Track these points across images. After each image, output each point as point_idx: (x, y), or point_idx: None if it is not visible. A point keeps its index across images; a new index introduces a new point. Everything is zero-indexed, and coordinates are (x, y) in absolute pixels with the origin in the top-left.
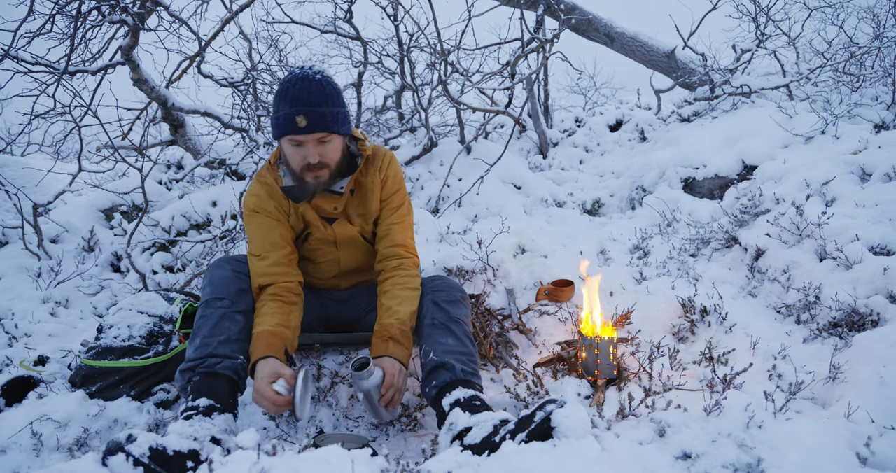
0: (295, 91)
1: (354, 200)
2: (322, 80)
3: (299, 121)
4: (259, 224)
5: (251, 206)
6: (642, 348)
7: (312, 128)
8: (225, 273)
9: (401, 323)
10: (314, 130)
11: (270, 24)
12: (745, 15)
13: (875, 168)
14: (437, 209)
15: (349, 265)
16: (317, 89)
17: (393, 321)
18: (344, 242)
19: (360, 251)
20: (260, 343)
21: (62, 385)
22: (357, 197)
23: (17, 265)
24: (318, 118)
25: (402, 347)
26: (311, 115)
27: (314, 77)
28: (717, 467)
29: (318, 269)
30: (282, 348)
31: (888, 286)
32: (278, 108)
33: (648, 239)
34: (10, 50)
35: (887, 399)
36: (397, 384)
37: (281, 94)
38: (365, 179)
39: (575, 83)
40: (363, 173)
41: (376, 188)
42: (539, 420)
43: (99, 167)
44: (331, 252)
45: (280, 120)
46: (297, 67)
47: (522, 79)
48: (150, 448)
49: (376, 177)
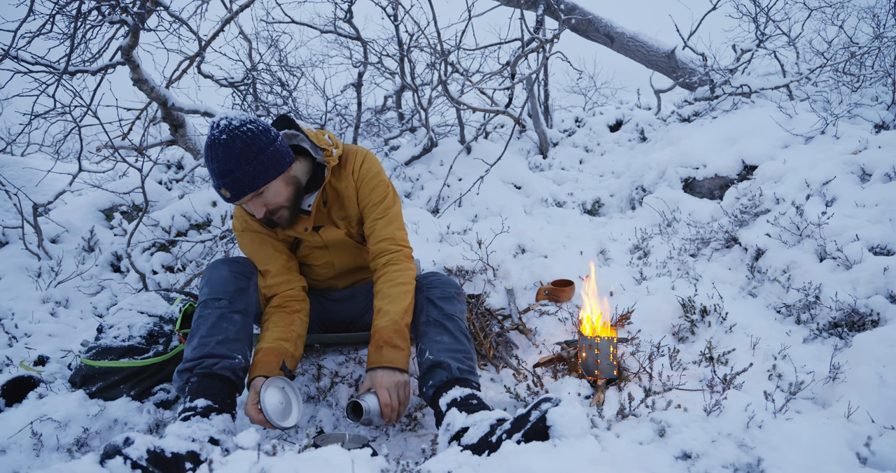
0: (211, 164)
1: (333, 207)
2: (227, 141)
3: (224, 193)
4: (250, 239)
5: (239, 228)
6: (642, 348)
7: (238, 196)
8: (222, 273)
9: (394, 324)
10: (240, 196)
11: (270, 24)
12: (745, 15)
13: (875, 168)
14: (437, 209)
15: (343, 266)
16: (224, 155)
17: (385, 323)
18: (334, 245)
19: (351, 252)
20: (256, 361)
21: (62, 385)
22: (335, 203)
23: (17, 265)
24: (237, 185)
25: (397, 350)
26: (230, 186)
27: (220, 139)
28: (717, 467)
29: (314, 272)
30: (277, 363)
31: (888, 286)
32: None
33: (648, 239)
34: (10, 50)
35: (887, 399)
36: (394, 403)
37: (206, 162)
38: (340, 184)
39: (575, 83)
40: (337, 178)
41: (352, 192)
42: (535, 419)
43: (99, 167)
44: (323, 255)
45: (215, 189)
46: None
47: (522, 79)
48: (147, 451)
49: (350, 180)
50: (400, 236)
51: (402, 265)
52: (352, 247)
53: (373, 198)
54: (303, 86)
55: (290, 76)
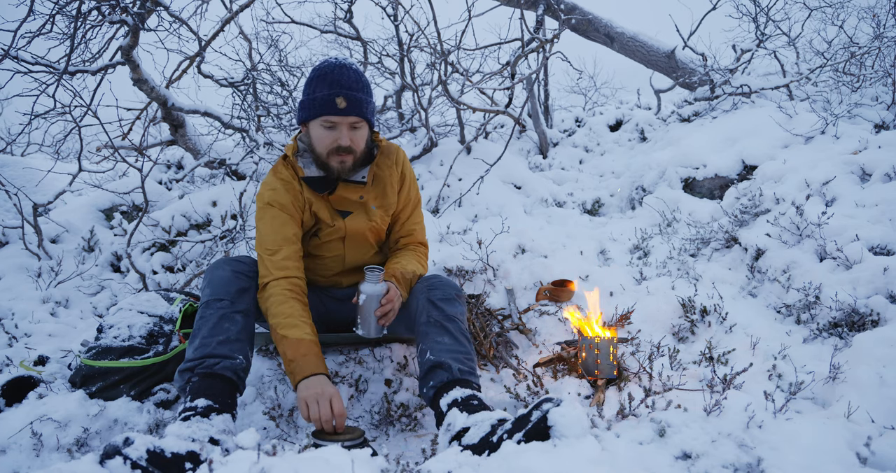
0: (335, 75)
1: (374, 191)
2: (358, 70)
3: (339, 102)
4: (273, 217)
5: (266, 199)
6: (642, 348)
7: (350, 111)
8: (224, 273)
9: (405, 271)
10: (351, 113)
11: (270, 24)
12: (745, 15)
13: (875, 168)
14: (437, 209)
15: (352, 261)
16: (355, 77)
17: (398, 267)
18: (352, 238)
19: (364, 249)
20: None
21: (62, 385)
22: (376, 188)
23: (17, 265)
24: (356, 102)
25: (402, 288)
26: (350, 98)
27: (351, 66)
28: (717, 467)
29: (322, 265)
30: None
31: (888, 286)
32: (314, 90)
33: (648, 239)
34: (10, 50)
35: (887, 399)
36: (395, 303)
37: (318, 78)
38: (382, 172)
39: (575, 83)
40: (379, 166)
41: (395, 181)
42: (536, 419)
43: (99, 167)
44: (337, 248)
45: (317, 101)
46: (330, 57)
47: (522, 79)
48: (147, 451)
49: (393, 169)
50: (424, 235)
51: (420, 250)
52: (366, 244)
53: (412, 197)
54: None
55: (290, 76)
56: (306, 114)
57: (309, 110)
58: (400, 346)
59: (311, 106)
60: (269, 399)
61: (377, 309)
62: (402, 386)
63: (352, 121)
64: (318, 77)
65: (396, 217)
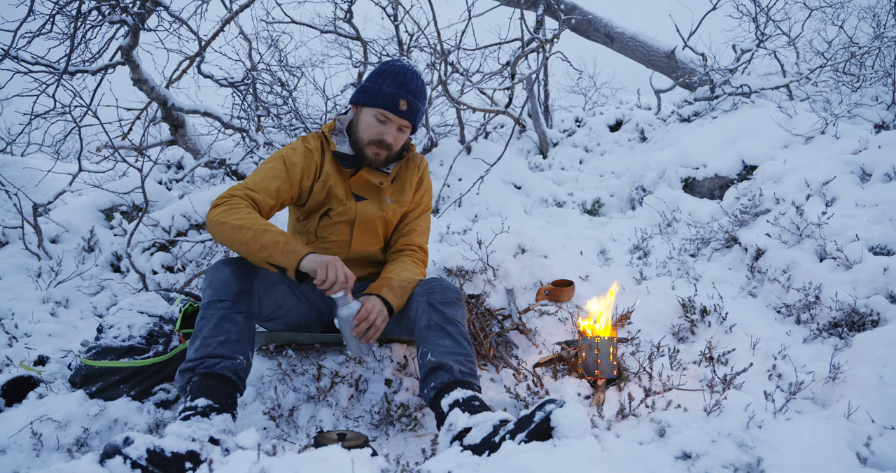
0: (405, 78)
1: (393, 187)
2: (424, 81)
3: (402, 104)
4: (272, 168)
5: (281, 153)
6: (642, 348)
7: (407, 115)
8: (225, 274)
9: (400, 279)
10: (407, 117)
11: (270, 24)
12: (745, 15)
13: (875, 168)
14: (437, 209)
15: (357, 251)
16: (421, 86)
17: (393, 276)
18: (361, 223)
19: (371, 238)
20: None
21: (62, 385)
22: (396, 184)
23: (17, 265)
24: (415, 109)
25: (394, 295)
26: (411, 104)
27: (420, 75)
28: (717, 467)
29: (327, 250)
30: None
31: (888, 286)
32: (383, 83)
33: (648, 239)
34: (10, 50)
35: (887, 399)
36: (372, 319)
37: (391, 74)
38: (405, 173)
39: (575, 83)
40: (404, 167)
41: (414, 182)
42: (539, 420)
43: (99, 167)
44: (345, 232)
45: (383, 94)
46: (402, 59)
47: (522, 79)
48: (147, 451)
49: (415, 173)
50: (427, 249)
51: (416, 256)
52: (374, 235)
53: (423, 202)
54: (303, 86)
55: (290, 76)
56: (367, 100)
57: (372, 98)
58: (400, 346)
59: (375, 95)
60: (269, 399)
61: (353, 330)
62: (402, 385)
63: (403, 124)
64: (390, 73)
65: (404, 216)
